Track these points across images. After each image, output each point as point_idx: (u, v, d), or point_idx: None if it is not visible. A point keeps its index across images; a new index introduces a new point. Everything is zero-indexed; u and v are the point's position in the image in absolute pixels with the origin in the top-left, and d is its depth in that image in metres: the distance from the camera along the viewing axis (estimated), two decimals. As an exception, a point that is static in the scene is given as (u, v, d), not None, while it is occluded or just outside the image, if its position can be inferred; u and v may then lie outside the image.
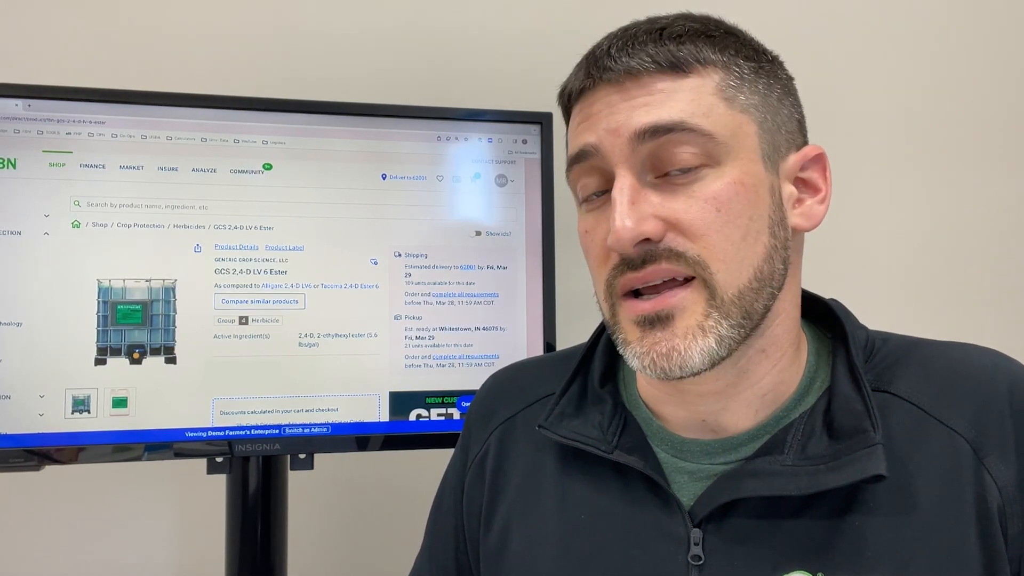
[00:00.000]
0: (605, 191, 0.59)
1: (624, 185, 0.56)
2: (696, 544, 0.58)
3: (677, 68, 0.57)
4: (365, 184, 0.99)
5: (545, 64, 1.24)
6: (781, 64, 0.63)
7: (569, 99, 0.63)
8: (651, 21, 0.60)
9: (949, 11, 1.33)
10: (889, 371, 0.61)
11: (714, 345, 0.55)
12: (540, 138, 1.04)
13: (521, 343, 1.02)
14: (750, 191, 0.57)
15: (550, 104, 1.08)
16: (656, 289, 0.57)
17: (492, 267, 1.02)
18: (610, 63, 0.58)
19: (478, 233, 1.02)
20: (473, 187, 1.02)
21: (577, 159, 0.60)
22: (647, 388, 0.65)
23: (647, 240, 0.56)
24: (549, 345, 1.02)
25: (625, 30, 0.60)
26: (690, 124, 0.55)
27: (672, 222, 0.56)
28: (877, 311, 0.77)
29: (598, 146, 0.58)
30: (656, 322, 0.56)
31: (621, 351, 0.59)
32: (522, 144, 1.04)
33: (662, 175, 0.57)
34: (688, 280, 0.56)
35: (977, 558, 0.54)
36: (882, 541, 0.55)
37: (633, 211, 0.55)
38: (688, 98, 0.56)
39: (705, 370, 0.56)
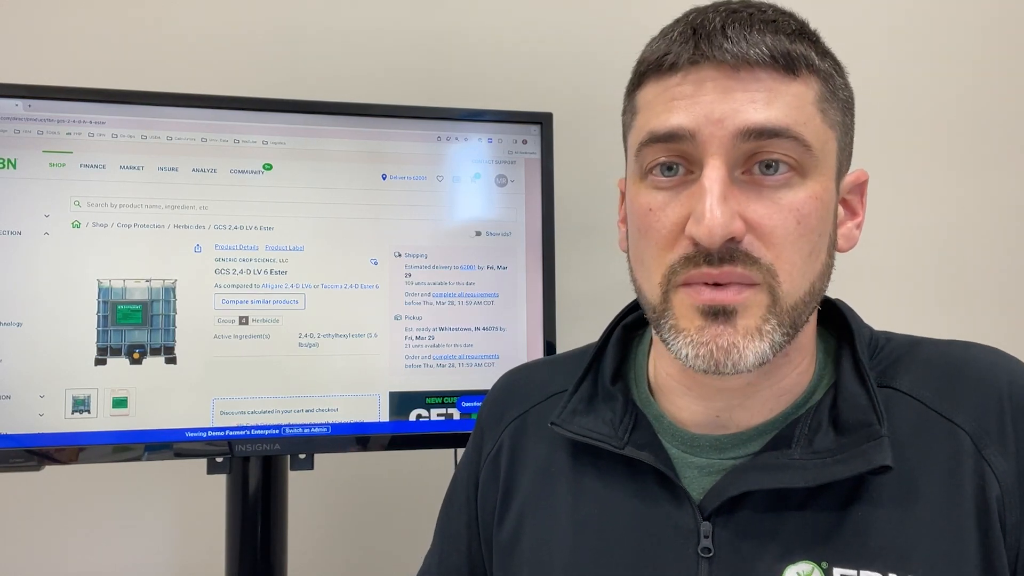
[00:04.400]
0: (676, 168, 0.57)
1: (718, 177, 0.54)
2: (706, 537, 0.58)
3: (789, 68, 0.55)
4: (365, 184, 0.99)
5: (545, 65, 1.25)
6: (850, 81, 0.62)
7: (663, 66, 0.57)
8: (756, 8, 0.57)
9: (953, 8, 1.33)
10: (893, 368, 0.62)
11: (768, 350, 0.55)
12: (540, 138, 1.04)
13: (521, 343, 1.02)
14: (825, 208, 0.57)
15: (550, 104, 1.09)
16: (721, 286, 0.56)
17: (492, 267, 1.02)
18: (727, 44, 0.54)
19: (478, 233, 1.02)
20: (473, 187, 1.02)
21: (664, 139, 0.56)
22: (663, 380, 0.65)
23: (731, 239, 0.54)
24: (549, 345, 1.02)
25: (732, 10, 0.57)
26: (794, 131, 0.54)
27: (753, 224, 0.55)
28: (877, 311, 0.77)
29: (695, 132, 0.55)
30: (720, 314, 0.55)
31: (668, 338, 0.57)
32: (522, 144, 1.04)
33: (747, 171, 0.55)
34: (753, 284, 0.56)
35: (976, 547, 0.55)
36: (885, 531, 0.56)
37: (725, 207, 0.53)
38: (793, 103, 0.55)
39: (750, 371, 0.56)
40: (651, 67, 0.58)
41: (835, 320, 0.66)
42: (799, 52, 0.55)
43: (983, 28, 1.34)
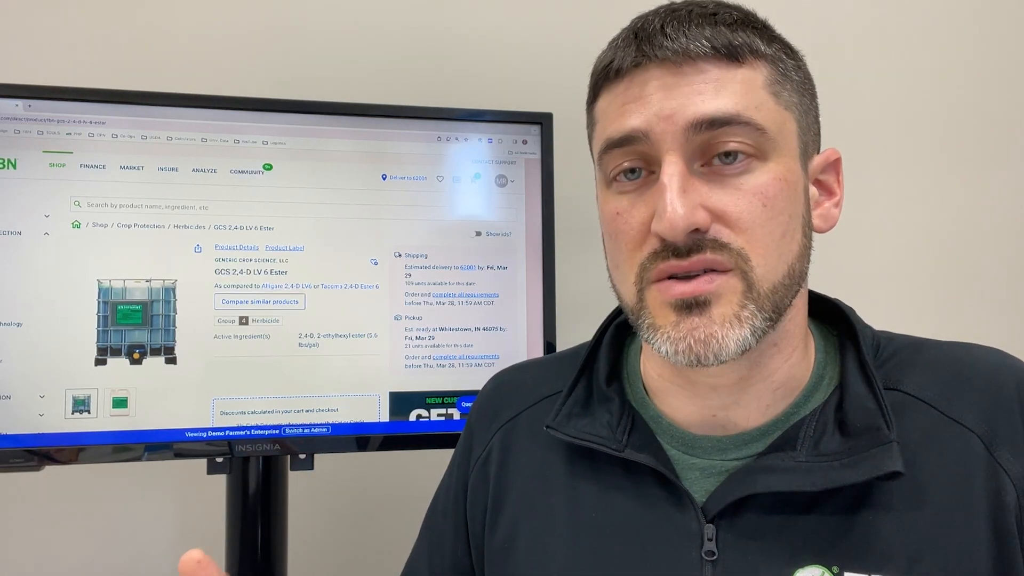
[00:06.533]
0: (637, 171, 0.58)
1: (675, 172, 0.54)
2: (710, 540, 0.58)
3: (732, 56, 0.56)
4: (365, 184, 0.99)
5: (545, 65, 1.25)
6: (806, 64, 0.63)
7: (611, 75, 0.59)
8: (696, 4, 0.59)
9: (955, 6, 1.33)
10: (898, 369, 0.61)
11: (749, 336, 0.55)
12: (540, 138, 1.04)
13: (521, 343, 1.02)
14: (791, 188, 0.57)
15: (550, 104, 1.09)
16: (691, 278, 0.56)
17: (492, 267, 1.02)
18: (666, 42, 0.55)
19: (478, 233, 1.02)
20: (473, 187, 1.02)
21: (621, 143, 0.57)
22: (656, 382, 0.65)
23: (696, 230, 0.55)
24: (549, 345, 1.02)
25: (672, 10, 0.58)
26: (745, 117, 0.55)
27: (718, 213, 0.55)
28: (877, 311, 0.77)
29: (648, 132, 0.56)
30: (694, 307, 0.55)
31: (647, 337, 0.58)
32: (522, 144, 1.04)
33: (707, 163, 0.56)
34: (726, 271, 0.56)
35: (989, 550, 0.54)
36: (897, 535, 0.55)
37: (685, 199, 0.54)
38: (741, 90, 0.55)
39: (734, 359, 0.56)
40: (601, 77, 0.60)
41: (835, 319, 0.65)
42: (741, 40, 0.56)
43: (984, 27, 1.34)
